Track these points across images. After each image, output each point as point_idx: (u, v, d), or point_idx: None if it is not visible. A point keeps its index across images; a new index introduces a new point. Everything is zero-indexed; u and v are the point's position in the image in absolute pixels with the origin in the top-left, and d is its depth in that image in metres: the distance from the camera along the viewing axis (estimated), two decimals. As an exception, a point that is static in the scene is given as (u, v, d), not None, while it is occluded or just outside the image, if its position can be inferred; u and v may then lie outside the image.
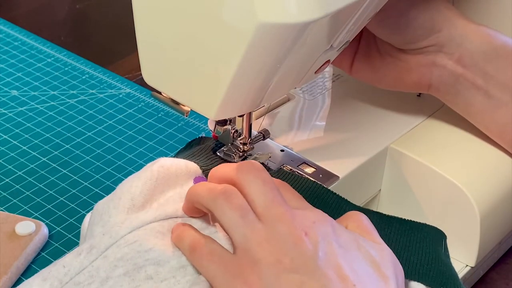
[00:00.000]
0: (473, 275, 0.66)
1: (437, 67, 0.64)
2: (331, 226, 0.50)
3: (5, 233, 0.65)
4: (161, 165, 0.56)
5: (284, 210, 0.49)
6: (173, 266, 0.51)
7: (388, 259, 0.50)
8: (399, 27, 0.63)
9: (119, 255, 0.51)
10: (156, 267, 0.51)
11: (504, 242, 0.69)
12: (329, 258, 0.48)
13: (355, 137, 0.67)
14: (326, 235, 0.49)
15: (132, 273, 0.50)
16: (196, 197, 0.52)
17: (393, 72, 0.66)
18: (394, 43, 0.65)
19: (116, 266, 0.51)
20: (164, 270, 0.51)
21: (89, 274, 0.51)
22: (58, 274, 0.51)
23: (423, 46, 0.64)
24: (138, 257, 0.51)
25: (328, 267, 0.47)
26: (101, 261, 0.51)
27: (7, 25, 0.99)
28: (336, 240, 0.49)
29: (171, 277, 0.50)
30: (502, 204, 0.66)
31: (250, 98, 0.56)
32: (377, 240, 0.52)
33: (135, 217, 0.53)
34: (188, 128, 0.82)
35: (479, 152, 0.67)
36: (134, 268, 0.51)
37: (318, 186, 0.59)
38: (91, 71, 0.91)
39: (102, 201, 0.56)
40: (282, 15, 0.48)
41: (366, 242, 0.51)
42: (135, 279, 0.50)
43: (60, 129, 0.81)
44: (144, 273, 0.50)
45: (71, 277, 0.51)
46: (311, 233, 0.48)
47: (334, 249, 0.48)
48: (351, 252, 0.49)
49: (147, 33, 0.55)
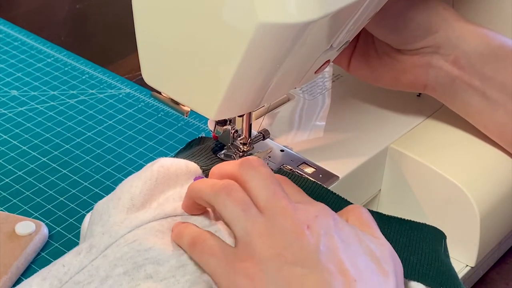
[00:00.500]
0: (473, 275, 0.66)
1: (433, 68, 0.64)
2: (333, 220, 0.50)
3: (5, 233, 0.65)
4: (161, 165, 0.56)
5: (286, 204, 0.49)
6: (173, 265, 0.51)
7: (388, 254, 0.50)
8: (396, 27, 0.63)
9: (118, 254, 0.51)
10: (155, 266, 0.51)
11: (504, 242, 0.69)
12: (331, 252, 0.48)
13: (355, 137, 0.67)
14: (328, 229, 0.49)
15: (132, 272, 0.50)
16: (198, 192, 0.53)
17: (389, 71, 0.66)
18: (391, 43, 0.65)
19: (115, 265, 0.51)
20: (164, 269, 0.51)
21: (88, 273, 0.51)
22: (57, 273, 0.51)
23: (420, 47, 0.64)
24: (138, 256, 0.51)
25: (330, 261, 0.47)
26: (101, 260, 0.51)
27: (7, 25, 0.99)
28: (338, 234, 0.49)
29: (171, 276, 0.50)
30: (502, 204, 0.66)
31: (250, 98, 0.56)
32: (377, 235, 0.52)
33: (135, 216, 0.53)
34: (188, 128, 0.82)
35: (479, 152, 0.67)
36: (134, 267, 0.51)
37: (318, 186, 0.59)
38: (91, 71, 0.91)
39: (102, 201, 0.56)
40: (282, 15, 0.48)
41: (366, 237, 0.51)
42: (135, 278, 0.50)
43: (60, 129, 0.81)
44: (144, 272, 0.50)
45: (70, 276, 0.51)
46: (313, 227, 0.49)
47: (335, 243, 0.48)
48: (352, 247, 0.49)
49: (147, 33, 0.55)
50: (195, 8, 0.51)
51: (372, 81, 0.68)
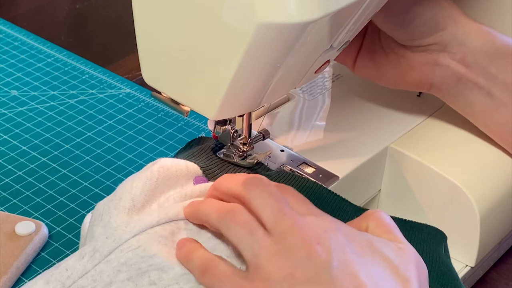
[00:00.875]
0: (473, 275, 0.66)
1: (440, 66, 0.64)
2: (343, 232, 0.49)
3: (5, 233, 0.65)
4: (161, 165, 0.56)
5: (293, 221, 0.48)
6: (177, 273, 0.51)
7: (408, 259, 0.49)
8: (403, 22, 0.63)
9: (122, 260, 0.51)
10: (159, 273, 0.51)
11: (504, 242, 0.69)
12: (344, 266, 0.46)
13: (355, 137, 0.67)
14: (339, 242, 0.48)
15: (136, 278, 0.50)
16: (204, 217, 0.52)
17: (395, 69, 0.66)
18: (397, 38, 0.64)
19: (119, 271, 0.51)
20: (168, 276, 0.51)
21: (92, 278, 0.51)
22: (61, 277, 0.51)
23: (426, 44, 0.63)
24: (142, 262, 0.51)
25: (344, 276, 0.46)
26: (104, 265, 0.51)
27: (7, 25, 0.99)
28: (350, 247, 0.48)
29: (175, 283, 0.50)
30: (502, 204, 0.66)
31: (250, 98, 0.56)
32: (399, 239, 0.50)
33: (138, 219, 0.53)
34: (188, 128, 0.82)
35: (479, 152, 0.67)
36: (138, 273, 0.51)
37: (319, 187, 0.59)
38: (91, 71, 0.91)
39: (102, 202, 0.56)
40: (282, 15, 0.48)
41: (384, 244, 0.49)
42: (139, 284, 0.50)
43: (60, 129, 0.81)
44: (148, 279, 0.50)
45: (74, 280, 0.51)
46: (323, 242, 0.47)
47: (348, 257, 0.47)
48: (366, 258, 0.48)
49: (147, 33, 0.55)
50: (195, 8, 0.51)
51: (378, 80, 0.68)
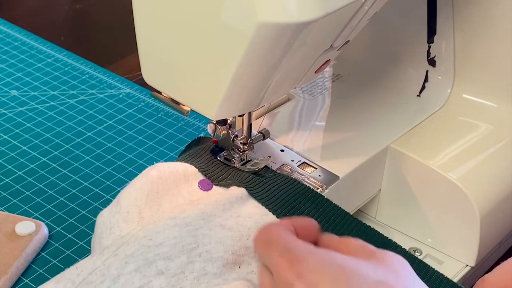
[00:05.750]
0: (473, 275, 0.66)
1: None
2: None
3: (5, 233, 0.65)
4: (160, 176, 0.57)
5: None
6: (183, 261, 0.51)
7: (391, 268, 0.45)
8: None
9: (129, 252, 0.52)
10: (166, 261, 0.51)
11: (504, 242, 0.69)
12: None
13: (355, 137, 0.67)
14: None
15: (143, 269, 0.51)
16: None
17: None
18: None
19: (126, 263, 0.51)
20: (175, 265, 0.51)
21: (100, 273, 0.51)
22: (70, 275, 0.52)
23: None
24: (149, 252, 0.51)
25: None
26: (112, 259, 0.52)
27: (7, 25, 0.99)
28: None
29: (181, 272, 0.51)
30: (502, 204, 0.66)
31: (250, 98, 0.56)
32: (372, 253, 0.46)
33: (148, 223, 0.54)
34: (188, 128, 0.82)
35: (479, 152, 0.67)
36: (145, 263, 0.51)
37: (318, 196, 0.59)
38: (91, 71, 0.91)
39: (106, 213, 0.57)
40: (282, 15, 0.48)
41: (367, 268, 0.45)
42: (146, 274, 0.50)
43: (60, 129, 0.81)
44: (155, 268, 0.51)
45: (83, 277, 0.51)
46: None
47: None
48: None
49: (147, 33, 0.55)
50: (195, 8, 0.51)
51: None
